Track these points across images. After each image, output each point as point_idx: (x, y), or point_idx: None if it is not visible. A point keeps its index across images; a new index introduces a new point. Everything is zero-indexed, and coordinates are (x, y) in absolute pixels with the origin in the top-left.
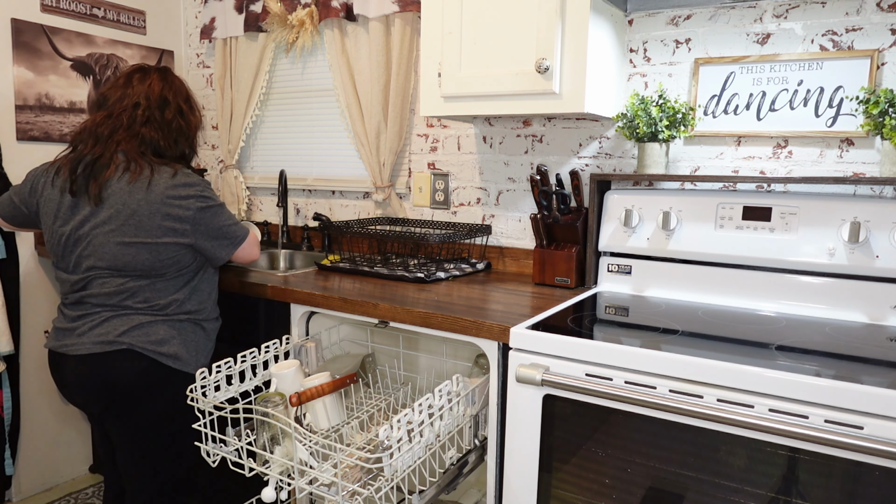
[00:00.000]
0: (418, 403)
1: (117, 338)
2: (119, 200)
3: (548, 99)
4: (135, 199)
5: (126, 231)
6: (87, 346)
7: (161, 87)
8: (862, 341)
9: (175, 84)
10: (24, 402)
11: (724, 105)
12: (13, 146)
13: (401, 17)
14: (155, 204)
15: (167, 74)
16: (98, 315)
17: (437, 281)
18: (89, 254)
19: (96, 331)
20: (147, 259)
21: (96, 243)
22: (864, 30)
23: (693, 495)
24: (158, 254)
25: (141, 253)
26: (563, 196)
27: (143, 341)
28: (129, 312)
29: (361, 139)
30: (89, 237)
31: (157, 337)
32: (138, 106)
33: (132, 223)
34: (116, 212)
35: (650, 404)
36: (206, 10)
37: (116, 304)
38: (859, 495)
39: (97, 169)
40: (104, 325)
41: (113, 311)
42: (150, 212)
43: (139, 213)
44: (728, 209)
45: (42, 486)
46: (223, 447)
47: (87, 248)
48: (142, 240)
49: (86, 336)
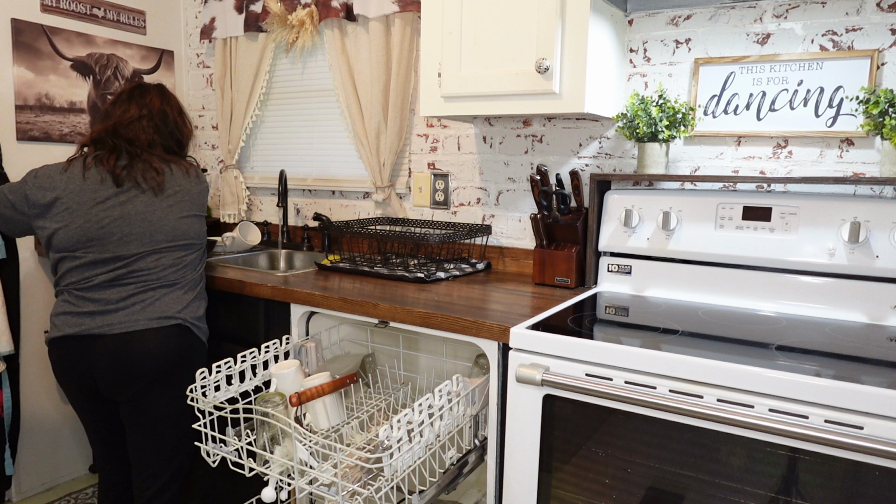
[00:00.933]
0: (418, 403)
1: (176, 314)
2: (179, 187)
3: (548, 99)
4: (190, 184)
5: (184, 207)
6: (143, 323)
7: (160, 102)
8: (862, 341)
9: (171, 100)
10: (24, 402)
11: (724, 105)
12: (13, 146)
13: (401, 17)
14: (200, 186)
15: (164, 91)
16: (151, 293)
17: (437, 281)
18: (144, 230)
19: (154, 307)
20: (197, 228)
21: (153, 219)
22: (864, 30)
23: (693, 495)
24: (202, 225)
25: (195, 223)
26: (563, 196)
27: (192, 317)
28: (178, 289)
29: (361, 139)
30: (145, 215)
31: (198, 313)
32: (143, 118)
33: (187, 199)
34: (175, 193)
35: (650, 404)
36: (206, 10)
37: (171, 279)
38: (859, 495)
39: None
40: (162, 301)
41: (166, 290)
42: (198, 191)
43: (192, 193)
44: (728, 209)
45: (42, 486)
46: (223, 447)
47: (141, 224)
48: (195, 213)
49: (139, 314)
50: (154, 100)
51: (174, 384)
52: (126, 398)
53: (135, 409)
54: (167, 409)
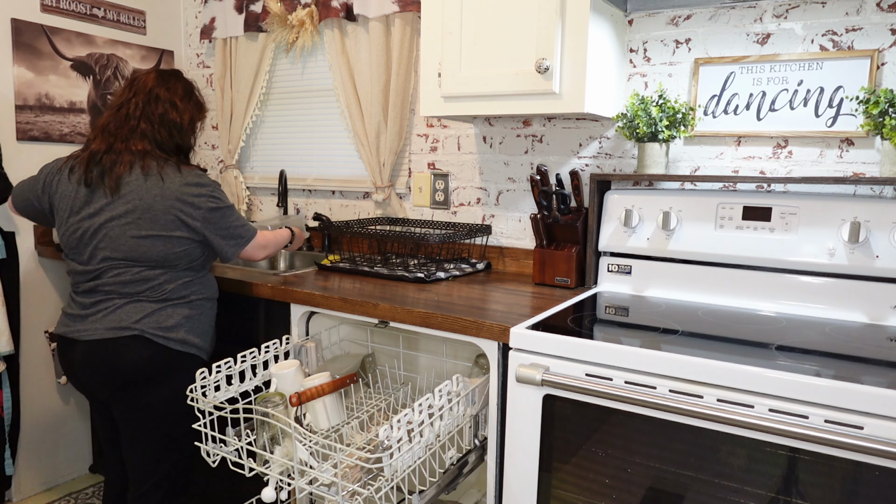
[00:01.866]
0: (418, 403)
1: (131, 324)
2: (136, 196)
3: (548, 99)
4: (150, 195)
5: (142, 225)
6: (101, 332)
7: (154, 84)
8: (862, 341)
9: (171, 83)
10: (24, 402)
11: (724, 105)
12: (13, 146)
13: (401, 17)
14: (169, 200)
15: (165, 73)
16: (112, 303)
17: (437, 281)
18: (105, 245)
19: (110, 317)
20: (161, 251)
21: (112, 236)
22: (864, 30)
23: (693, 495)
24: (172, 246)
25: (156, 245)
26: (563, 196)
27: (153, 327)
28: (142, 300)
29: (361, 139)
30: (105, 230)
31: (167, 323)
32: (130, 101)
33: (148, 217)
34: (133, 206)
35: (650, 404)
36: (206, 10)
37: (131, 293)
38: (859, 495)
39: (108, 163)
40: (118, 311)
41: (127, 299)
42: (164, 207)
43: (155, 208)
44: (728, 209)
45: (42, 486)
46: (223, 447)
47: (103, 240)
48: (157, 233)
49: (99, 322)
50: (149, 80)
51: (142, 394)
52: (108, 401)
53: (118, 412)
54: (142, 417)
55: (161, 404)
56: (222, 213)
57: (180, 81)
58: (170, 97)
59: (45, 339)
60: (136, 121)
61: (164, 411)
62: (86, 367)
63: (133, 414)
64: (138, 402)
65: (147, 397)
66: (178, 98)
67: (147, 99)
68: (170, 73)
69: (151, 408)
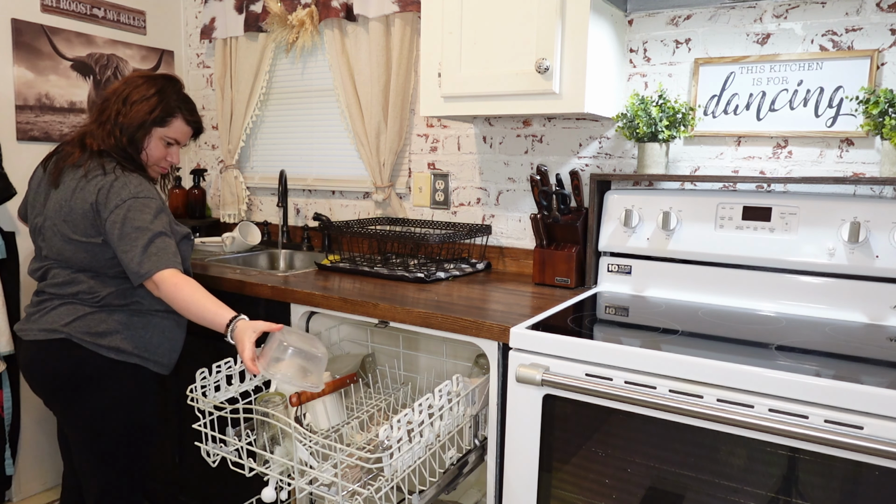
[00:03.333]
0: (418, 403)
1: (61, 327)
2: (63, 195)
3: (548, 99)
4: (73, 196)
5: (66, 227)
6: (34, 333)
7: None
8: (862, 341)
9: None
10: (24, 402)
11: (724, 105)
12: (13, 146)
13: (401, 17)
14: (86, 204)
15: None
16: (51, 303)
17: (437, 281)
18: (45, 245)
19: (45, 318)
20: (85, 257)
21: (48, 236)
22: (864, 30)
23: (693, 495)
24: (94, 254)
25: (79, 251)
26: (563, 196)
27: (81, 332)
28: (76, 303)
29: (361, 139)
30: (45, 229)
31: (98, 328)
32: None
33: (70, 220)
34: (60, 206)
35: (650, 404)
36: (206, 10)
37: (65, 294)
38: (859, 495)
39: (62, 154)
40: (52, 313)
41: (62, 301)
42: (82, 211)
43: (74, 212)
44: (728, 209)
45: (42, 486)
46: (223, 447)
47: (44, 239)
48: (78, 238)
49: (36, 323)
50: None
51: (77, 402)
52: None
53: (62, 420)
54: (77, 426)
55: (100, 412)
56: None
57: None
58: (125, 94)
59: None
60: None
61: (105, 419)
62: (24, 368)
63: (69, 422)
64: (71, 411)
65: (83, 406)
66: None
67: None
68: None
69: (89, 417)
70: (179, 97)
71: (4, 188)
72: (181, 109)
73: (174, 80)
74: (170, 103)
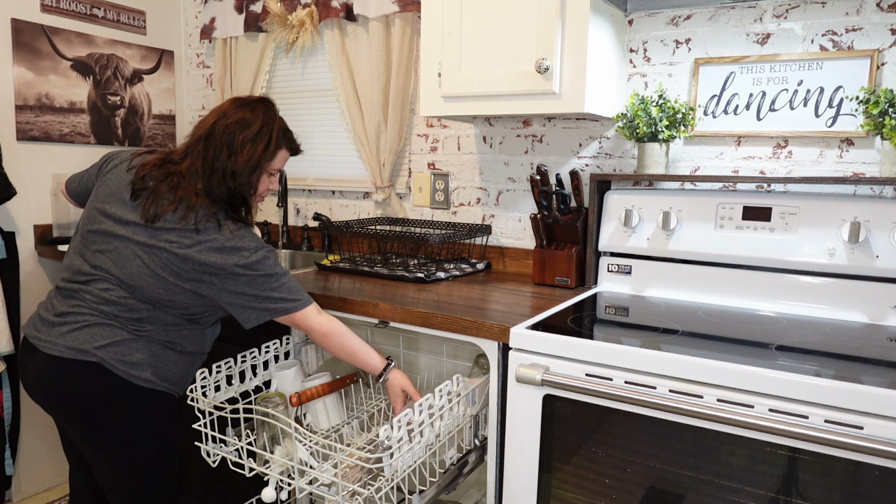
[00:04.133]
0: (418, 403)
1: (93, 349)
2: (165, 237)
3: (548, 99)
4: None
5: (155, 262)
6: (60, 349)
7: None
8: (862, 341)
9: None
10: (24, 402)
11: (724, 105)
12: (13, 146)
13: (401, 17)
14: (194, 259)
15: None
16: (84, 318)
17: (437, 281)
18: (110, 258)
19: (75, 335)
20: (159, 293)
21: (124, 254)
22: (864, 30)
23: (693, 495)
24: (172, 293)
25: (157, 284)
26: (563, 196)
27: (114, 358)
28: (115, 325)
29: (361, 139)
30: (120, 243)
31: (132, 358)
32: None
33: (163, 259)
34: (155, 244)
35: (650, 404)
36: (206, 10)
37: (107, 313)
38: (859, 495)
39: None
40: (85, 331)
41: (100, 318)
42: (186, 261)
43: (176, 257)
44: (728, 209)
45: (42, 486)
46: (223, 447)
47: (112, 251)
48: (166, 276)
49: (62, 338)
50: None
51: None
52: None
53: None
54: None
55: (126, 436)
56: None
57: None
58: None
59: None
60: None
61: (131, 444)
62: (41, 382)
63: (96, 447)
64: (99, 436)
65: (108, 431)
66: (242, 136)
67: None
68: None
69: (114, 442)
70: (280, 126)
71: (4, 188)
72: (285, 139)
73: (272, 106)
74: (276, 136)
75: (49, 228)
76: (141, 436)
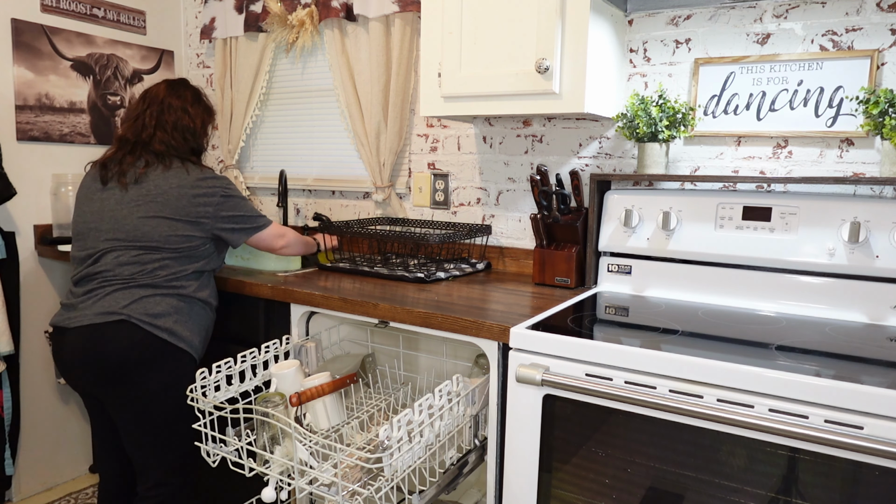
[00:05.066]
0: (418, 403)
1: (120, 309)
2: (154, 185)
3: (548, 99)
4: (170, 184)
5: (150, 208)
6: (89, 318)
7: (165, 94)
8: (862, 341)
9: (181, 91)
10: (24, 402)
11: (724, 105)
12: (13, 146)
13: (401, 17)
14: (185, 188)
15: (173, 82)
16: (103, 289)
17: (437, 281)
18: (110, 227)
19: (101, 303)
20: (165, 231)
21: (119, 217)
22: (864, 30)
23: (693, 495)
24: (175, 230)
25: (160, 226)
26: (563, 196)
27: (140, 313)
28: (134, 286)
29: (361, 139)
30: (113, 212)
31: (155, 310)
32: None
33: (159, 200)
34: (147, 192)
35: (650, 404)
36: (206, 10)
37: (124, 276)
38: (859, 495)
39: (130, 162)
40: (108, 297)
41: (118, 285)
42: (178, 194)
43: (169, 194)
44: (728, 209)
45: (42, 486)
46: (223, 447)
47: (108, 221)
48: (166, 215)
49: (89, 308)
50: (160, 91)
51: (132, 384)
52: (98, 394)
53: (111, 405)
54: (135, 409)
55: (152, 394)
56: (234, 202)
57: (189, 89)
58: (181, 104)
59: (45, 339)
60: (152, 129)
61: (156, 401)
62: (75, 354)
63: (126, 406)
64: (129, 393)
65: (136, 387)
66: (189, 104)
67: (160, 109)
68: (178, 82)
69: (141, 399)
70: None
71: (4, 188)
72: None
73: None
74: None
75: (49, 228)
76: (164, 391)
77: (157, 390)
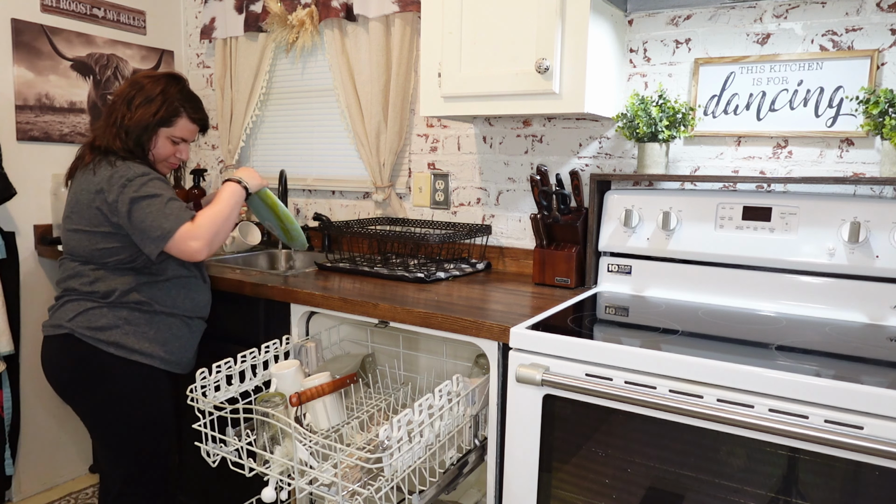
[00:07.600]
0: (418, 403)
1: (65, 322)
2: (72, 191)
3: (548, 99)
4: (79, 189)
5: (72, 219)
6: (47, 329)
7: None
8: (862, 341)
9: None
10: (24, 402)
11: (724, 105)
12: (13, 146)
13: (401, 17)
14: (91, 193)
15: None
16: (61, 299)
17: (437, 281)
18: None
19: (56, 314)
20: (86, 247)
21: (63, 231)
22: (864, 30)
23: (693, 495)
24: (95, 242)
25: (81, 240)
26: (563, 196)
27: (83, 326)
28: (80, 298)
29: (361, 139)
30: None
31: (98, 323)
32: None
33: (76, 211)
34: (69, 199)
35: (650, 404)
36: (206, 10)
37: (71, 289)
38: (859, 495)
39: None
40: (61, 309)
41: (67, 297)
42: (87, 200)
43: (80, 202)
44: (728, 209)
45: (42, 486)
46: (223, 447)
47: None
48: (82, 227)
49: (50, 319)
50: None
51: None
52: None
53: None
54: (90, 420)
55: (104, 406)
56: (138, 203)
57: (158, 83)
58: (129, 96)
59: None
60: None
61: (110, 413)
62: (42, 363)
63: (82, 417)
64: (81, 406)
65: (86, 401)
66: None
67: (114, 98)
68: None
69: (94, 411)
70: (183, 96)
71: (4, 188)
72: (185, 108)
73: (178, 79)
74: (173, 103)
75: (49, 228)
76: (118, 405)
77: (110, 402)
